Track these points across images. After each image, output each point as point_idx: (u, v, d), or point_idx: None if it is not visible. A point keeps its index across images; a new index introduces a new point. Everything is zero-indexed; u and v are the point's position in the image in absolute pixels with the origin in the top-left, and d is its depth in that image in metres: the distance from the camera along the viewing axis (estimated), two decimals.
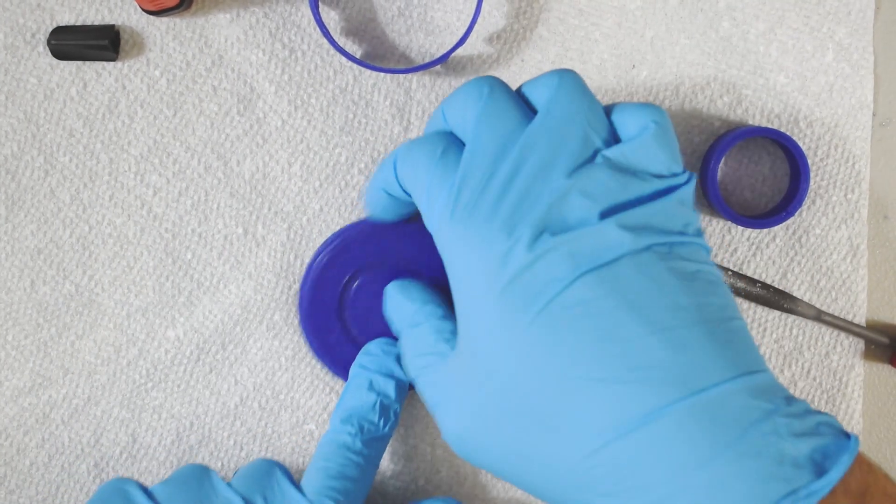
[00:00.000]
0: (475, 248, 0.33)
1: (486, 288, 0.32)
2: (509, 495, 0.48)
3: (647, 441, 0.30)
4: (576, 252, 0.32)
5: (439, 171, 0.35)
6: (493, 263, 0.32)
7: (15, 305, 0.47)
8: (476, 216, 0.33)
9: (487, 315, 0.32)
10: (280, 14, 0.47)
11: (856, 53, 0.48)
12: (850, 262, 0.48)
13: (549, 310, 0.31)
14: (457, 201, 0.34)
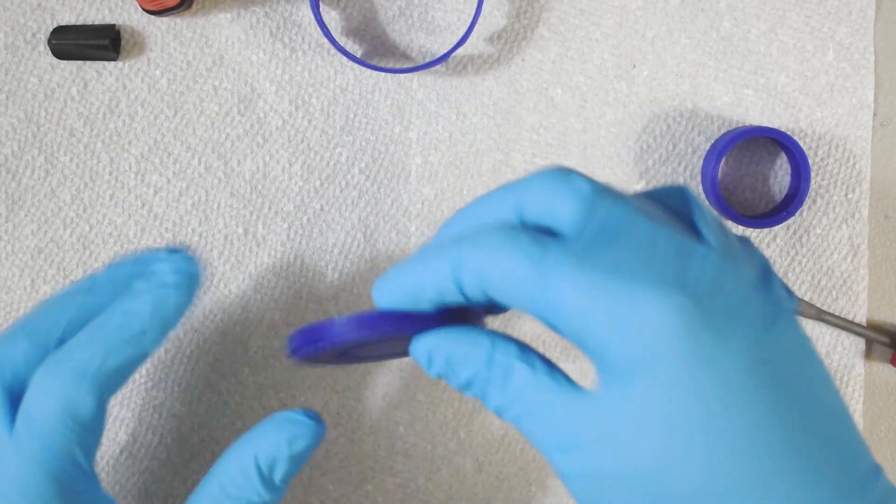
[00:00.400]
0: (646, 300, 0.29)
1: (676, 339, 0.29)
2: (509, 495, 0.48)
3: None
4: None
5: (539, 253, 0.30)
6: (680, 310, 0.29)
7: (15, 305, 0.47)
8: (631, 274, 0.29)
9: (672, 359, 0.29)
10: (281, 14, 0.47)
11: (856, 53, 0.48)
12: (850, 262, 0.48)
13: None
14: (599, 262, 0.30)
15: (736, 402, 0.29)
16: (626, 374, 0.30)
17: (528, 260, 0.30)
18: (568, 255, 0.29)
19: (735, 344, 0.29)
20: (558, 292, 0.29)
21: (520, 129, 0.48)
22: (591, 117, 0.48)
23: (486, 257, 0.31)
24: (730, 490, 0.29)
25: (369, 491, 0.48)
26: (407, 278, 0.33)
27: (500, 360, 0.33)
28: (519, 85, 0.48)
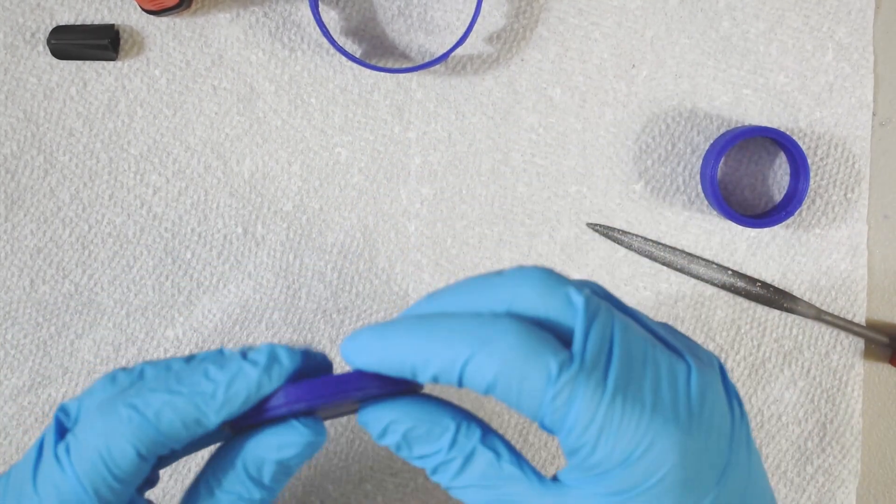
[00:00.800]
0: (660, 442, 0.30)
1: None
2: None
3: None
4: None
5: (562, 385, 0.30)
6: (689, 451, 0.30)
7: (14, 304, 0.47)
8: (647, 412, 0.31)
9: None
10: (280, 14, 0.47)
11: (856, 53, 0.48)
12: (849, 262, 0.48)
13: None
14: (615, 401, 0.30)
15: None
16: (611, 482, 0.30)
17: (547, 375, 0.30)
18: (581, 373, 0.30)
19: (711, 473, 0.31)
20: (570, 411, 0.30)
21: (519, 128, 0.48)
22: (591, 117, 0.48)
23: (504, 361, 0.30)
24: None
25: (369, 490, 0.48)
26: (402, 349, 0.31)
27: (463, 443, 0.32)
28: (518, 85, 0.48)
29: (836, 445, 0.48)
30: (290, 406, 0.32)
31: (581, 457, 0.30)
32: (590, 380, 0.30)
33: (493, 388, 0.30)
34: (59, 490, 0.32)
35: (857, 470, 0.48)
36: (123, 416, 0.32)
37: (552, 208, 0.48)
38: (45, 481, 0.33)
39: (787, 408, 0.48)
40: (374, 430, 0.33)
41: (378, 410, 0.33)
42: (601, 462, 0.30)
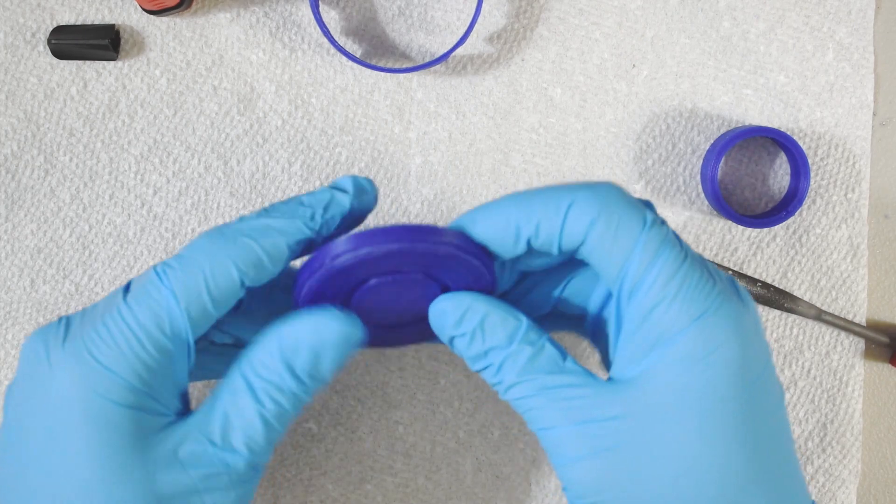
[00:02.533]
0: (726, 311, 0.33)
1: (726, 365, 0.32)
2: (509, 495, 0.48)
3: None
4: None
5: (654, 236, 0.33)
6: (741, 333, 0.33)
7: (15, 304, 0.47)
8: (717, 287, 0.33)
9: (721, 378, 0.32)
10: (280, 14, 0.47)
11: (856, 53, 0.48)
12: (850, 262, 0.48)
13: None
14: (695, 267, 0.33)
15: (758, 409, 0.33)
16: (681, 367, 0.32)
17: (643, 221, 0.33)
18: (669, 234, 0.33)
19: (758, 364, 0.33)
20: (658, 260, 0.32)
21: (519, 128, 0.48)
22: (591, 117, 0.48)
23: (606, 202, 0.33)
24: (733, 494, 0.32)
25: (369, 490, 0.48)
26: (506, 210, 0.33)
27: (533, 337, 0.34)
28: (518, 85, 0.48)
29: (836, 445, 0.48)
30: (380, 245, 0.33)
31: (656, 317, 0.32)
32: (674, 244, 0.33)
33: (594, 226, 0.32)
34: (152, 302, 0.33)
35: (857, 470, 0.48)
36: (229, 237, 0.33)
37: None
38: (139, 295, 0.33)
39: (787, 408, 0.48)
40: (453, 315, 0.34)
41: (458, 296, 0.34)
42: (673, 323, 0.32)
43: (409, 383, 0.48)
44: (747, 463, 0.32)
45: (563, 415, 0.33)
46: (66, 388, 0.32)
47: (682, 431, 0.32)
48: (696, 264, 0.33)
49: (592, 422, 0.32)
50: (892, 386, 0.49)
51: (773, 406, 0.33)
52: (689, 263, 0.33)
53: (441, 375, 0.48)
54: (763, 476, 0.32)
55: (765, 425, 0.33)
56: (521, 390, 0.34)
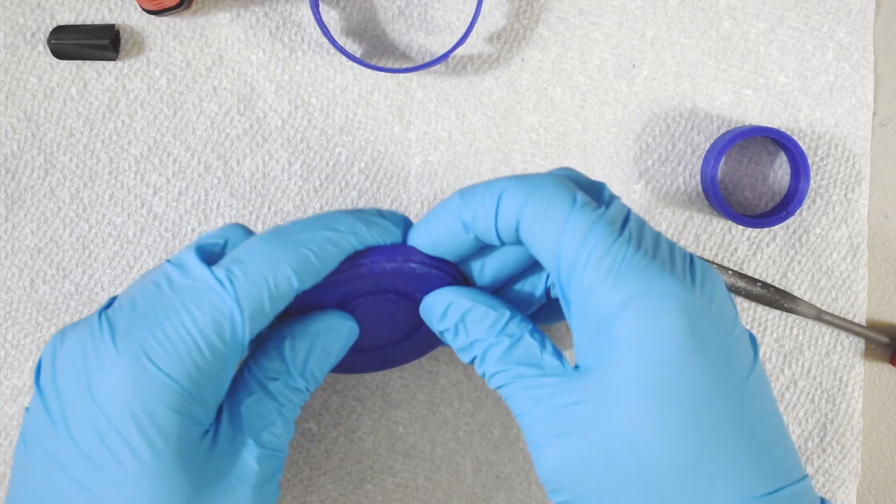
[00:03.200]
0: (662, 288, 0.33)
1: (680, 337, 0.32)
2: (509, 495, 0.48)
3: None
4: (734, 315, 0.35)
5: (584, 216, 0.34)
6: (690, 308, 0.33)
7: (15, 304, 0.47)
8: (655, 263, 0.33)
9: (669, 359, 0.33)
10: (280, 14, 0.47)
11: (856, 53, 0.48)
12: (850, 262, 0.48)
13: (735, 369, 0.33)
14: (630, 245, 0.33)
15: (716, 386, 0.32)
16: (624, 349, 0.32)
17: (572, 201, 0.33)
18: (602, 216, 0.33)
19: (706, 326, 0.33)
20: (588, 239, 0.33)
21: (519, 128, 0.48)
22: (591, 117, 0.48)
23: (533, 187, 0.34)
24: (693, 468, 0.32)
25: (369, 490, 0.48)
26: (447, 214, 0.36)
27: (513, 329, 0.36)
28: (518, 85, 0.48)
29: (836, 446, 0.48)
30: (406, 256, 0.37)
31: (594, 300, 0.33)
32: (609, 223, 0.33)
33: (524, 210, 0.34)
34: (215, 310, 0.33)
35: (857, 470, 0.48)
36: (289, 246, 0.35)
37: None
38: (198, 300, 0.33)
39: (787, 408, 0.48)
40: (437, 310, 0.37)
41: (442, 292, 0.37)
42: (608, 305, 0.32)
43: (409, 383, 0.48)
44: (704, 438, 0.32)
45: (533, 402, 0.34)
46: (117, 388, 0.32)
47: (631, 413, 0.32)
48: (632, 242, 0.33)
49: (557, 408, 0.34)
50: (892, 386, 0.49)
51: (738, 379, 0.33)
52: (621, 242, 0.33)
53: (441, 375, 0.48)
54: (727, 449, 0.32)
55: (727, 398, 0.33)
56: (500, 379, 0.35)
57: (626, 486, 0.33)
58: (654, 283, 0.32)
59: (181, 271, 0.34)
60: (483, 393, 0.48)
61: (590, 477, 0.33)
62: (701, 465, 0.32)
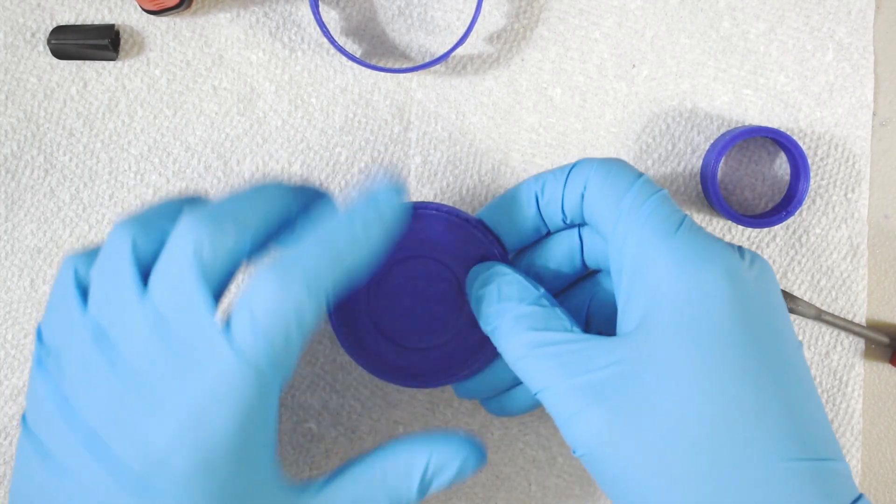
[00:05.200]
0: (712, 253, 0.34)
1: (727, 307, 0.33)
2: (509, 495, 0.48)
3: (794, 479, 0.32)
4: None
5: (647, 187, 0.37)
6: (734, 275, 0.34)
7: (14, 304, 0.47)
8: (707, 234, 0.35)
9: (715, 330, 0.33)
10: (280, 13, 0.47)
11: (856, 53, 0.48)
12: (850, 262, 0.48)
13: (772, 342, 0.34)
14: (685, 217, 0.36)
15: (756, 362, 0.33)
16: (668, 308, 0.33)
17: (634, 175, 0.37)
18: (664, 193, 0.36)
19: (757, 300, 0.34)
20: (646, 202, 0.35)
21: (519, 128, 0.48)
22: (591, 117, 0.48)
23: (600, 163, 0.37)
24: (731, 426, 0.32)
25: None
26: (514, 190, 0.40)
27: (545, 302, 0.36)
28: (518, 85, 0.48)
29: None
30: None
31: (648, 262, 0.34)
32: (667, 197, 0.36)
33: (592, 176, 0.37)
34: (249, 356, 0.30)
35: (856, 470, 0.48)
36: (307, 283, 0.31)
37: None
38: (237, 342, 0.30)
39: None
40: (480, 273, 0.39)
41: (489, 262, 0.40)
42: (662, 267, 0.34)
43: None
44: (742, 399, 0.32)
45: (562, 371, 0.34)
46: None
47: (679, 373, 0.32)
48: (686, 217, 0.35)
49: (588, 373, 0.33)
50: (892, 386, 0.49)
51: (787, 355, 0.34)
52: (677, 213, 0.35)
53: None
54: (765, 414, 0.32)
55: (772, 369, 0.33)
56: (525, 348, 0.35)
57: (665, 451, 0.32)
58: (706, 248, 0.34)
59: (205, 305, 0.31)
60: None
61: (630, 441, 0.32)
62: (738, 424, 0.32)
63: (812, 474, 0.32)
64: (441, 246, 0.41)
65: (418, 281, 0.41)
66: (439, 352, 0.42)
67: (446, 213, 0.41)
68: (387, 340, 0.42)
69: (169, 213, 0.34)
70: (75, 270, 0.34)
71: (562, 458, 0.48)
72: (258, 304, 0.30)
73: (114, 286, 0.32)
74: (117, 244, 0.33)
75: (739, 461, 0.32)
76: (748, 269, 0.35)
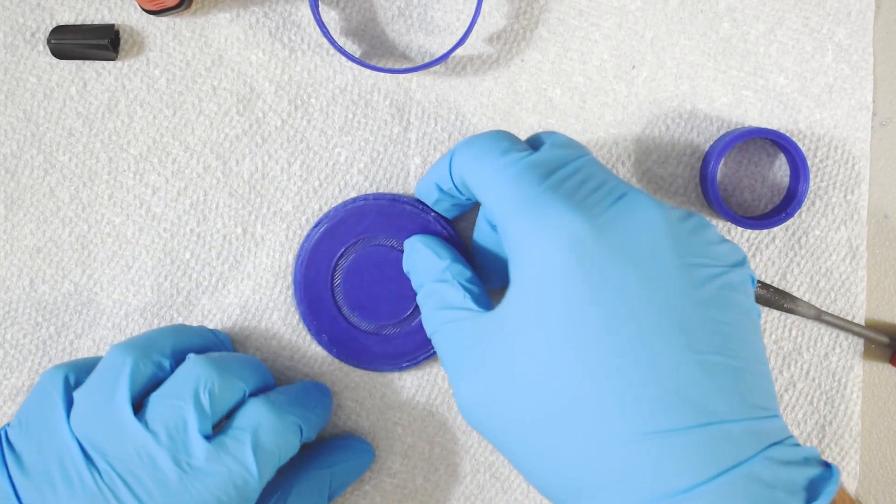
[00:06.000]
0: (555, 221, 0.34)
1: (563, 267, 0.34)
2: (507, 496, 0.48)
3: (657, 452, 0.32)
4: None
5: (505, 161, 0.37)
6: (583, 236, 0.34)
7: (14, 304, 0.47)
8: (557, 197, 0.35)
9: (555, 288, 0.34)
10: (280, 14, 0.47)
11: (855, 54, 0.48)
12: (849, 263, 0.48)
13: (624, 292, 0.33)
14: (540, 184, 0.35)
15: (623, 314, 0.33)
16: (517, 282, 0.35)
17: (501, 150, 0.37)
18: (526, 162, 0.36)
19: (617, 266, 0.34)
20: (499, 185, 0.36)
21: (519, 129, 0.48)
22: (590, 118, 0.48)
23: (471, 140, 0.39)
24: (579, 402, 0.33)
25: (367, 491, 0.48)
26: (429, 173, 0.43)
27: (447, 276, 0.40)
28: (518, 86, 0.48)
29: (835, 447, 0.48)
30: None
31: (506, 238, 0.36)
32: (529, 166, 0.36)
33: (463, 162, 0.38)
34: (239, 480, 0.38)
35: (856, 472, 0.48)
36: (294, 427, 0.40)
37: None
38: (226, 471, 0.38)
39: (786, 409, 0.48)
40: (406, 250, 0.44)
41: (414, 236, 0.44)
42: (511, 239, 0.35)
43: (409, 384, 0.48)
44: (590, 372, 0.32)
45: (451, 344, 0.37)
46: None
47: (523, 345, 0.34)
48: (544, 182, 0.35)
49: (468, 345, 0.36)
50: (891, 386, 0.49)
51: (652, 312, 0.33)
52: (532, 181, 0.35)
53: (440, 376, 0.48)
54: (619, 386, 0.32)
55: (622, 333, 0.33)
56: (431, 327, 0.39)
57: (524, 418, 0.34)
58: (549, 216, 0.34)
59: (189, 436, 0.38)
60: None
61: (495, 410, 0.35)
62: (588, 399, 0.32)
63: (661, 444, 0.32)
64: (389, 230, 0.46)
65: (375, 267, 0.46)
66: (402, 333, 0.46)
67: (387, 200, 0.46)
68: (350, 324, 0.46)
69: (163, 348, 0.40)
70: (64, 383, 0.39)
71: None
72: (261, 433, 0.39)
73: (106, 407, 0.37)
74: (115, 368, 0.38)
75: (592, 436, 0.32)
76: (607, 227, 0.34)
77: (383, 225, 0.46)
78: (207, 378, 0.38)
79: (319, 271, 0.46)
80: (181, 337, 0.41)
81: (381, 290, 0.46)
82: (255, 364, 0.42)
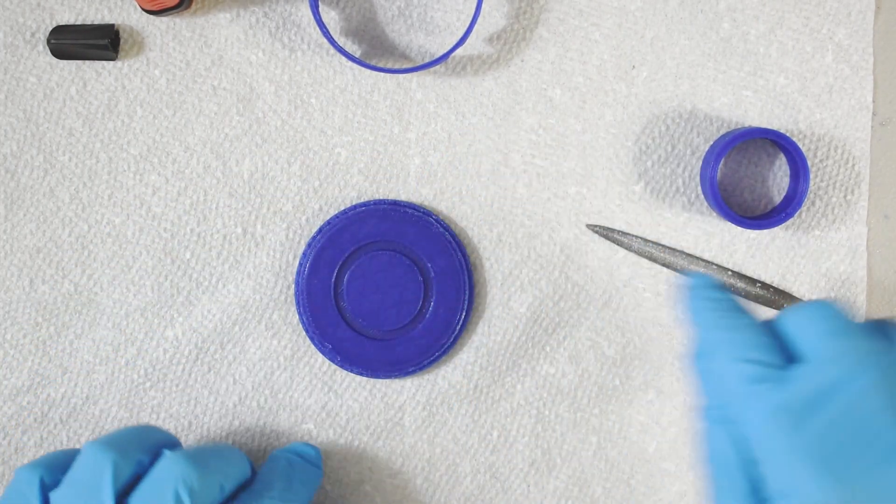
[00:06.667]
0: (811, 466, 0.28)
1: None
2: (507, 496, 0.48)
3: None
4: None
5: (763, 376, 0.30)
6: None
7: (14, 304, 0.47)
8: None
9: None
10: (280, 14, 0.47)
11: (855, 55, 0.48)
12: (849, 264, 0.48)
13: None
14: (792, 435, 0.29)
15: None
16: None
17: (739, 376, 0.30)
18: (774, 388, 0.29)
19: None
20: (748, 424, 0.30)
21: (519, 129, 0.48)
22: (590, 118, 0.48)
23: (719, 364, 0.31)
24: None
25: (367, 491, 0.48)
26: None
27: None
28: (518, 86, 0.48)
29: None
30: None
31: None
32: (783, 392, 0.29)
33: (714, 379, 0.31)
34: None
35: None
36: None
37: (552, 209, 0.48)
38: None
39: None
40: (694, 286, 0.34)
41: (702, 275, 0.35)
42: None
43: (409, 384, 0.48)
44: None
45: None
46: None
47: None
48: (795, 434, 0.29)
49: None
50: None
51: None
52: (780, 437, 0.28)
53: (440, 377, 0.48)
54: None
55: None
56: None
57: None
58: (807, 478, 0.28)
59: None
60: (481, 394, 0.48)
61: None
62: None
63: None
64: (390, 235, 0.46)
65: (380, 273, 0.46)
66: (405, 339, 0.47)
67: (387, 204, 0.46)
68: (354, 331, 0.46)
69: (140, 444, 0.40)
70: (40, 486, 0.38)
71: (560, 461, 0.48)
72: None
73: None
74: (97, 470, 0.38)
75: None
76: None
77: (384, 230, 0.46)
78: (187, 476, 0.38)
79: (322, 279, 0.46)
80: (153, 432, 0.41)
81: (384, 296, 0.46)
82: (232, 454, 0.42)
